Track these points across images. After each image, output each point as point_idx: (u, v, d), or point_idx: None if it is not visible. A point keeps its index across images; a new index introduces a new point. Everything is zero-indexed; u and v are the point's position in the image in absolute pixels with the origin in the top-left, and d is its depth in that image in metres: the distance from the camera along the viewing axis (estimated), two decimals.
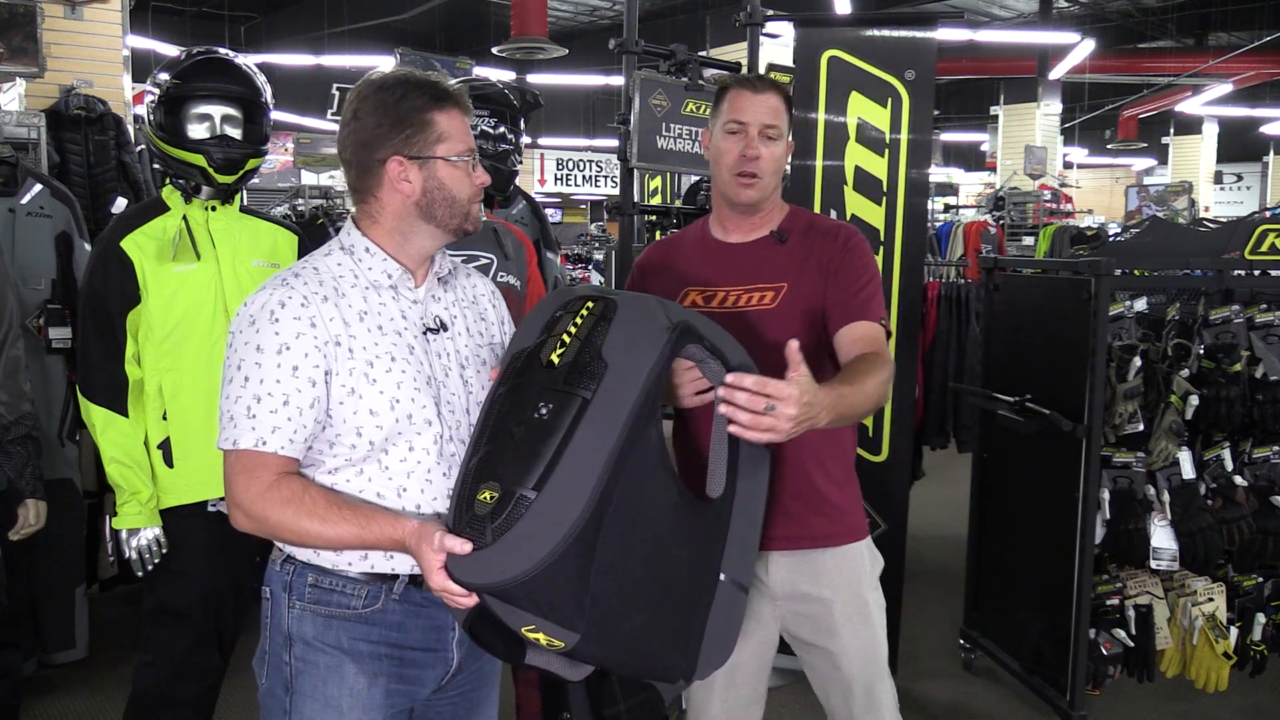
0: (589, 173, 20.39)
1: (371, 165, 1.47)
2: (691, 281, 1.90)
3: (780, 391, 1.39)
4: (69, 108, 4.03)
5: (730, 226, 1.93)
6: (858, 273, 1.84)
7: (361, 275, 1.49)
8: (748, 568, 1.52)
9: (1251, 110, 16.70)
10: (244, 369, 1.40)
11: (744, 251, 1.90)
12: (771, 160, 1.85)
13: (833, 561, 1.88)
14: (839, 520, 1.89)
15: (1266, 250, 3.29)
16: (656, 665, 1.43)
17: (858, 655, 1.88)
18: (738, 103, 1.86)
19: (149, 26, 10.87)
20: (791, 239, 1.88)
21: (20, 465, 2.40)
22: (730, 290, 1.86)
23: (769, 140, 1.84)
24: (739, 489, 1.49)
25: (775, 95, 1.86)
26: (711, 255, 1.93)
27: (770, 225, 1.91)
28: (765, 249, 1.89)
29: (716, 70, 3.68)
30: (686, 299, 1.88)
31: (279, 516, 1.38)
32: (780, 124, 1.85)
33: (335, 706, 1.47)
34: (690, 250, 1.97)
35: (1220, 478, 3.14)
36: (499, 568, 1.24)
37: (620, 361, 1.32)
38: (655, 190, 7.07)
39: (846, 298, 1.80)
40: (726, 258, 1.90)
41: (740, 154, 1.84)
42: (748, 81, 1.89)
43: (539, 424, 1.28)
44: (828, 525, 1.88)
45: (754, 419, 1.39)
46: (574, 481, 1.25)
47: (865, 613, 1.89)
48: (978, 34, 13.43)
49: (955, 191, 15.70)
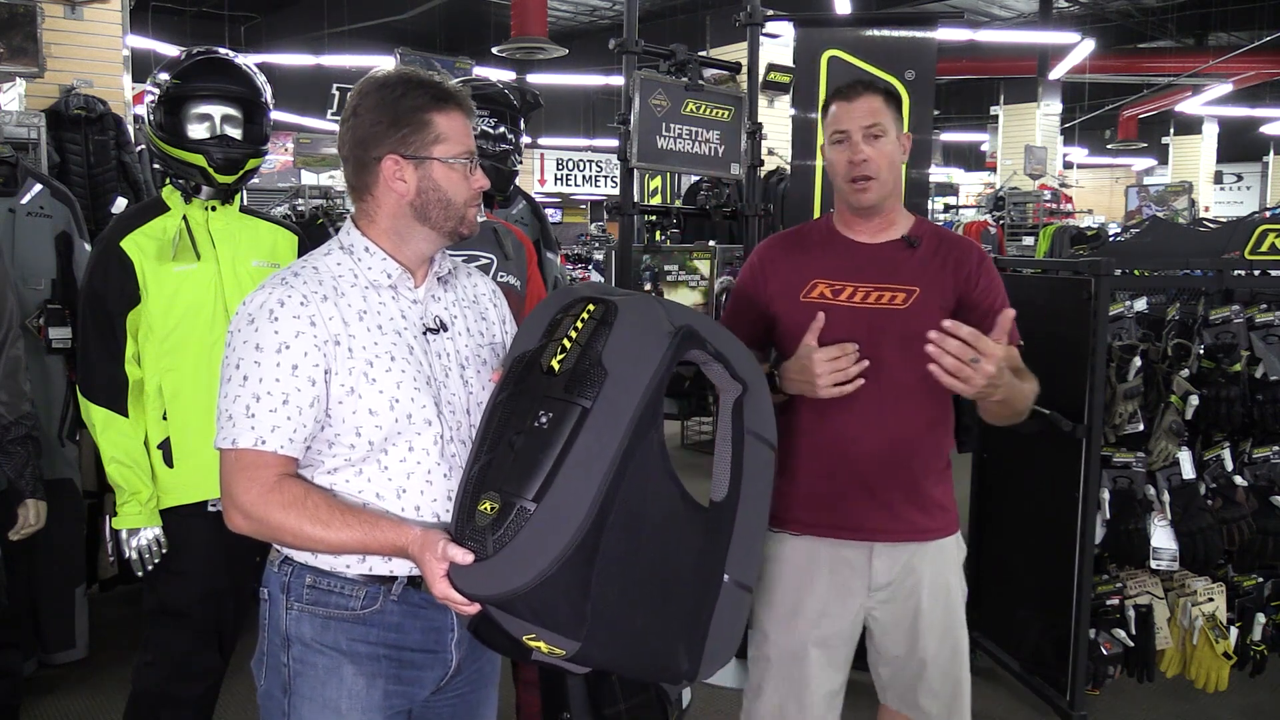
0: (589, 173, 20.40)
1: (368, 163, 1.47)
2: (820, 274, 1.92)
3: (988, 349, 1.60)
4: (69, 108, 4.03)
5: (857, 228, 1.95)
6: (996, 290, 1.91)
7: (361, 275, 1.48)
8: (751, 568, 1.52)
9: (1251, 110, 16.70)
10: (243, 368, 1.40)
11: (875, 252, 1.92)
12: (883, 158, 1.86)
13: (931, 553, 1.94)
14: (938, 516, 1.95)
15: (1266, 250, 3.29)
16: (659, 666, 1.42)
17: (938, 639, 1.94)
18: (836, 114, 1.90)
19: (149, 26, 10.87)
20: (923, 245, 1.91)
21: (20, 465, 2.40)
22: (860, 287, 1.89)
23: (874, 140, 1.86)
24: (744, 491, 1.49)
25: (871, 96, 1.88)
26: (841, 251, 1.95)
27: (899, 229, 1.93)
28: (897, 251, 1.91)
29: (716, 70, 3.68)
30: (814, 290, 1.91)
31: (280, 519, 1.37)
32: (883, 121, 1.86)
33: (334, 708, 1.46)
34: (818, 244, 1.99)
35: (1220, 478, 3.13)
36: (499, 580, 1.24)
37: (621, 368, 1.31)
38: (655, 190, 7.09)
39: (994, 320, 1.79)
40: (857, 255, 1.93)
41: (848, 161, 1.87)
42: (841, 92, 1.92)
43: (538, 433, 1.27)
44: (928, 520, 1.93)
45: (958, 366, 1.60)
46: (573, 492, 1.24)
47: (950, 600, 1.95)
48: (978, 34, 13.44)
49: (955, 191, 15.72)
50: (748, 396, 1.52)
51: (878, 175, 1.86)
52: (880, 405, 1.85)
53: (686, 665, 1.42)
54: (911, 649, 1.95)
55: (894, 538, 1.91)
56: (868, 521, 1.90)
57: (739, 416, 1.52)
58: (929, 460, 1.93)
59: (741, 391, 1.51)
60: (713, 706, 3.19)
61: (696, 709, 3.11)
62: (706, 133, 3.30)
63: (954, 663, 1.97)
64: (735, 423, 1.51)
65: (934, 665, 1.95)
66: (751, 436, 1.52)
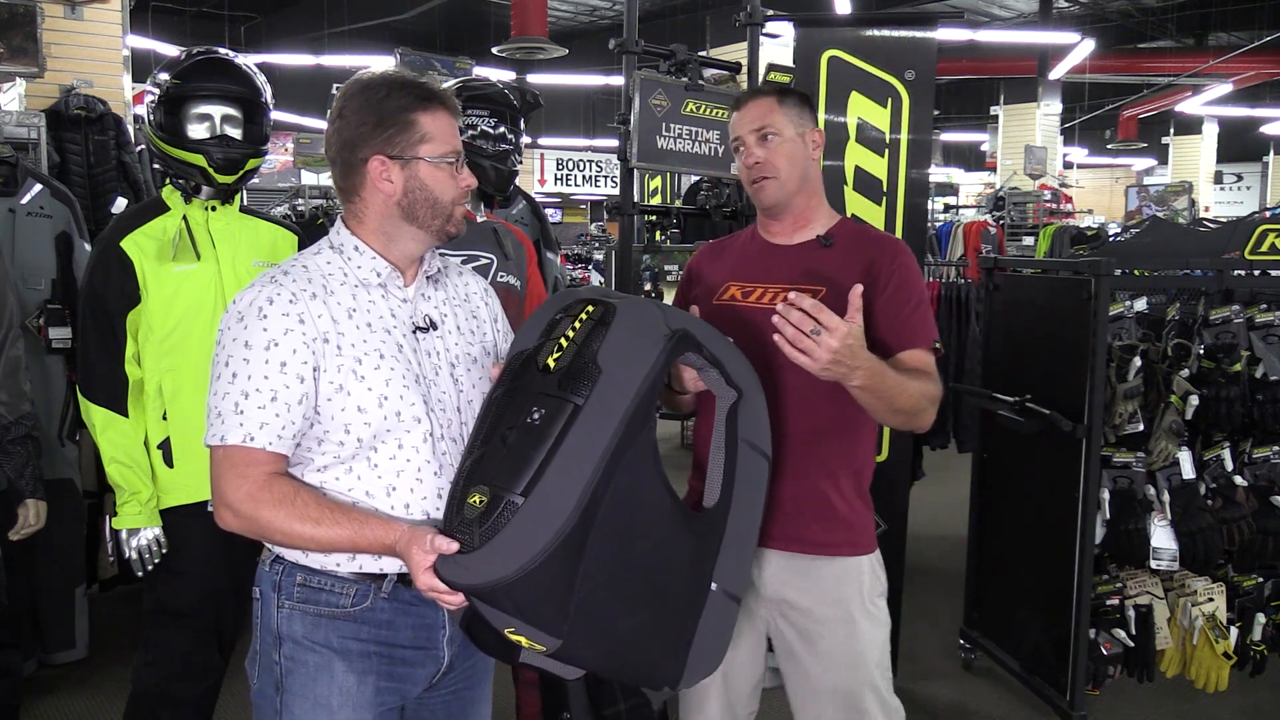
0: (589, 173, 20.40)
1: (354, 164, 1.47)
2: (733, 276, 1.92)
3: (831, 322, 1.50)
4: (69, 108, 4.02)
5: (773, 229, 1.94)
6: (907, 293, 1.81)
7: (350, 273, 1.49)
8: (741, 578, 1.52)
9: (1251, 110, 16.70)
10: (232, 365, 1.40)
11: (787, 252, 1.91)
12: (777, 157, 1.85)
13: (825, 571, 1.83)
14: (839, 532, 1.84)
15: (1266, 250, 3.29)
16: (643, 671, 1.43)
17: (835, 670, 1.83)
18: (731, 123, 1.91)
19: (149, 26, 10.87)
20: (837, 244, 1.88)
21: (20, 465, 2.40)
22: (769, 288, 1.87)
23: (764, 140, 1.85)
24: (735, 498, 1.49)
25: (761, 100, 1.87)
26: (756, 254, 1.94)
27: (815, 229, 1.91)
28: (810, 251, 1.89)
29: (716, 70, 3.67)
30: (727, 292, 1.90)
31: (270, 517, 1.38)
32: (773, 121, 1.85)
33: (325, 705, 1.47)
34: (738, 250, 2.00)
35: (1220, 478, 3.13)
36: (482, 570, 1.24)
37: (615, 368, 1.32)
38: (655, 190, 7.08)
39: (897, 323, 1.77)
40: (770, 257, 1.92)
41: (744, 166, 1.88)
42: (735, 102, 1.93)
43: (530, 429, 1.28)
44: (825, 534, 1.83)
45: (797, 335, 1.50)
46: (561, 488, 1.25)
47: (851, 629, 1.83)
48: (978, 34, 13.44)
49: (955, 191, 15.70)
50: (742, 404, 1.52)
51: (775, 175, 1.84)
52: (778, 406, 1.76)
53: (670, 672, 1.42)
54: (808, 674, 1.84)
55: (785, 546, 1.82)
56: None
57: (733, 424, 1.52)
58: (834, 468, 1.83)
59: (736, 399, 1.51)
60: None
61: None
62: (706, 133, 3.30)
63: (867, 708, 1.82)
64: (729, 431, 1.52)
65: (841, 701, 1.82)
66: (745, 445, 1.52)
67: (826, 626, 1.83)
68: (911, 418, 1.74)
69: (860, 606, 1.84)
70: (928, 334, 1.80)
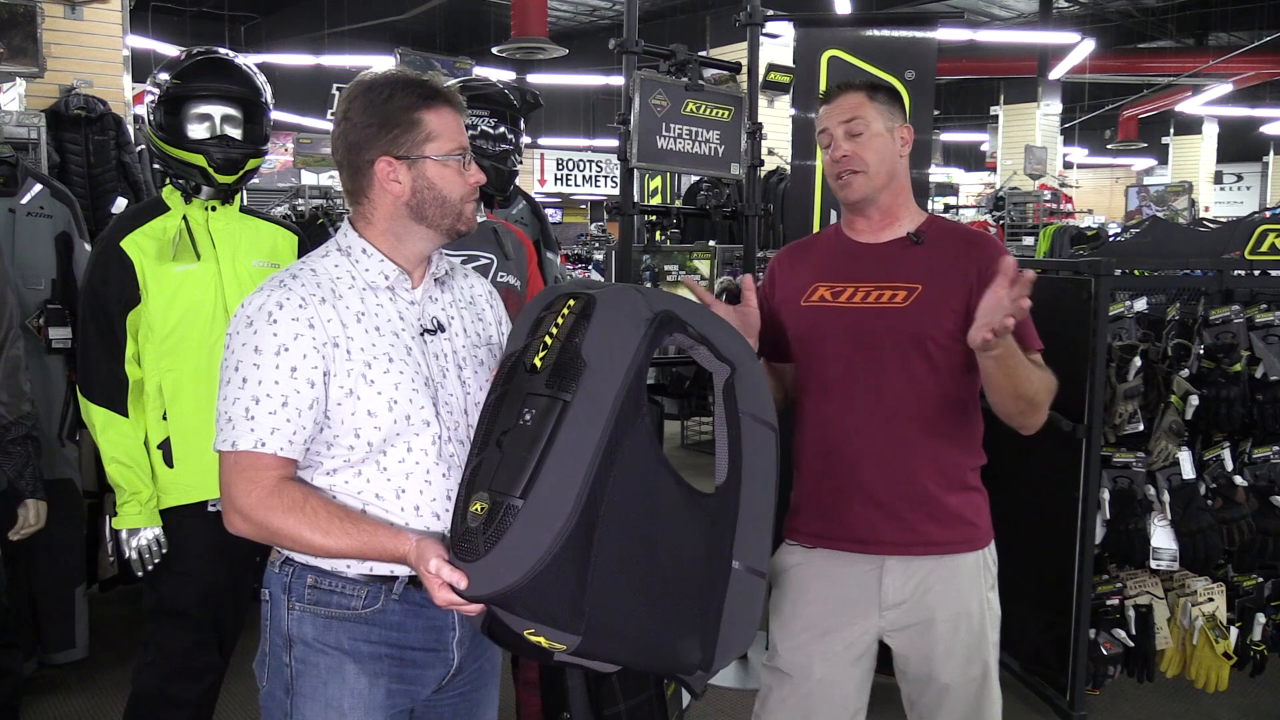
0: (589, 173, 20.40)
1: (362, 166, 1.47)
2: (820, 277, 1.90)
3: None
4: (69, 108, 4.03)
5: (858, 227, 1.92)
6: None
7: (359, 276, 1.49)
8: (763, 553, 1.49)
9: (1251, 110, 16.71)
10: (242, 370, 1.40)
11: (877, 250, 1.89)
12: (866, 152, 1.83)
13: (946, 571, 1.85)
14: (955, 528, 1.85)
15: (1266, 250, 3.29)
16: (670, 659, 1.40)
17: (964, 671, 1.86)
18: (820, 116, 1.90)
19: (149, 26, 10.88)
20: (928, 241, 1.86)
21: (20, 465, 2.40)
22: (860, 286, 1.86)
23: (854, 136, 1.84)
24: (745, 473, 1.46)
25: (851, 94, 1.87)
26: (842, 253, 1.92)
27: (904, 226, 1.89)
28: (899, 249, 1.87)
29: (716, 70, 3.67)
30: (815, 294, 1.89)
31: (280, 524, 1.38)
32: (863, 115, 1.84)
33: (336, 708, 1.46)
34: (822, 249, 1.98)
35: (1220, 478, 3.13)
36: (492, 578, 1.24)
37: (599, 359, 1.31)
38: (655, 190, 7.09)
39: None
40: (857, 256, 1.90)
41: (831, 159, 1.87)
42: (824, 96, 1.93)
43: (523, 430, 1.28)
44: (942, 532, 1.84)
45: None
46: (558, 486, 1.25)
47: (973, 625, 1.86)
48: (978, 34, 13.45)
49: (955, 191, 15.69)
50: (737, 377, 1.48)
51: (863, 169, 1.83)
52: (879, 405, 1.80)
53: (700, 656, 1.40)
54: (931, 673, 1.87)
55: (903, 550, 1.82)
56: (874, 532, 1.82)
57: (732, 398, 1.49)
58: (942, 465, 1.83)
59: (730, 373, 1.49)
60: (714, 706, 3.19)
61: (697, 709, 3.11)
62: (706, 133, 3.29)
63: (981, 692, 1.89)
64: (729, 405, 1.49)
65: (958, 691, 1.87)
66: (747, 418, 1.48)
67: (953, 624, 1.85)
68: (1030, 407, 1.78)
69: (980, 597, 1.88)
70: (1036, 337, 1.82)
